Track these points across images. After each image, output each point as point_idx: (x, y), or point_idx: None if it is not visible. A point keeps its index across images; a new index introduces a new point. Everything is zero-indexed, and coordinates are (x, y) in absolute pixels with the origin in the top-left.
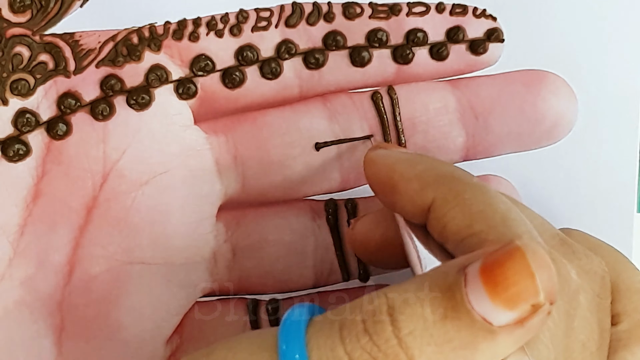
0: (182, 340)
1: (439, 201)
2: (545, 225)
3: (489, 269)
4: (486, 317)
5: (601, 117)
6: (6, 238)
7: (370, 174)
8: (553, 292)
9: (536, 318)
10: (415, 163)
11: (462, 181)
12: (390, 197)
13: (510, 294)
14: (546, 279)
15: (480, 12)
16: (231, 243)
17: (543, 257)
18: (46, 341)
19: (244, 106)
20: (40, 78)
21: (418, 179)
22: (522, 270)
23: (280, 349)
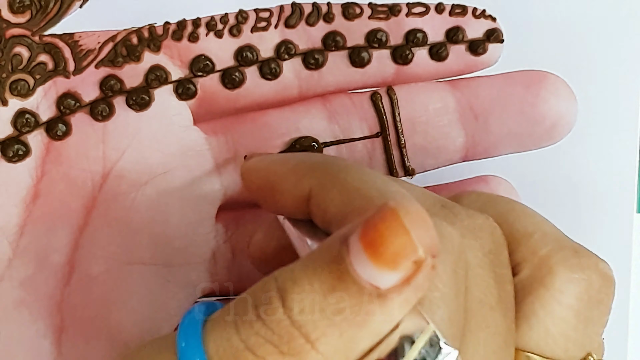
0: None
1: (316, 187)
2: (427, 194)
3: (367, 233)
4: (373, 282)
5: (601, 117)
6: (6, 238)
7: (248, 181)
8: (433, 245)
9: (421, 274)
10: (288, 159)
11: (336, 164)
12: (271, 198)
13: (390, 254)
14: (423, 233)
15: (480, 13)
16: (231, 243)
17: (417, 213)
18: (46, 341)
19: (243, 106)
20: (40, 78)
21: (293, 173)
22: (396, 228)
23: (179, 347)
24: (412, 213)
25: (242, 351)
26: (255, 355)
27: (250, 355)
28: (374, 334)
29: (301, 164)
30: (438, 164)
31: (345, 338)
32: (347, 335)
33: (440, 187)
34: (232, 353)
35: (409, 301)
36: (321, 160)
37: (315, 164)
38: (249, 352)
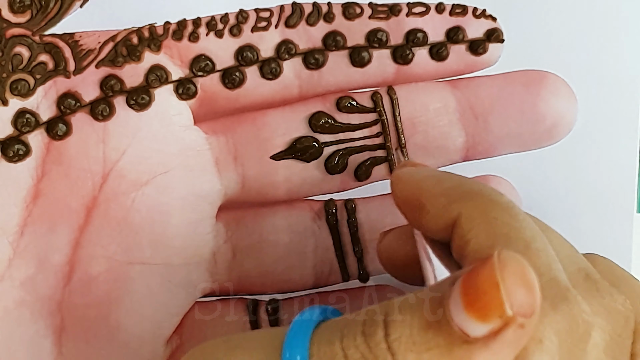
0: (182, 341)
1: (465, 217)
2: (573, 257)
3: (467, 279)
4: (462, 328)
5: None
6: (6, 238)
7: (397, 191)
8: (526, 305)
9: (509, 331)
10: (443, 180)
11: (491, 199)
12: (416, 214)
13: (480, 305)
14: (517, 290)
15: (480, 13)
16: (231, 243)
17: (517, 269)
18: (46, 341)
19: (243, 106)
20: (40, 78)
21: (445, 196)
22: (489, 281)
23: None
24: (510, 268)
25: (339, 357)
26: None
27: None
28: None
29: (455, 189)
30: (438, 164)
31: None
32: None
33: None
34: (330, 356)
35: (495, 356)
36: (476, 190)
37: (470, 193)
38: (341, 350)
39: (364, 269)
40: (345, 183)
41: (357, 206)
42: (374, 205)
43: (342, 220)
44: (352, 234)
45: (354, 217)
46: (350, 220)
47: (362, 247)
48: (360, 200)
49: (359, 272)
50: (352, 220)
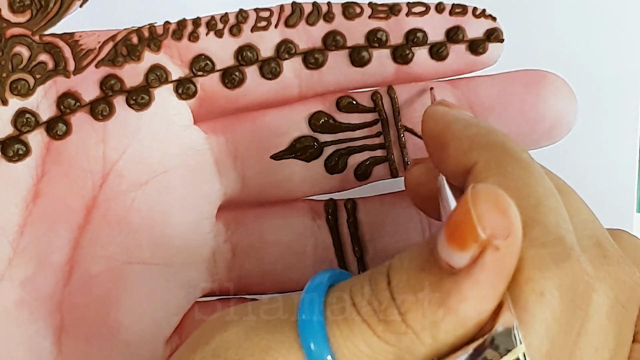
0: (182, 341)
1: (480, 166)
2: (589, 223)
3: (449, 217)
4: (448, 261)
5: (601, 117)
6: (6, 238)
7: (425, 128)
8: (498, 226)
9: (487, 256)
10: (471, 125)
11: (510, 153)
12: (439, 153)
13: (457, 234)
14: (487, 214)
15: (480, 12)
16: (231, 243)
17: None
18: (46, 341)
19: (243, 106)
20: (40, 78)
21: (468, 140)
22: (463, 208)
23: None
24: (482, 196)
25: (349, 307)
26: (359, 313)
27: (355, 311)
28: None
29: (480, 136)
30: None
31: (428, 317)
32: (429, 313)
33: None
34: (341, 306)
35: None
36: (499, 141)
37: (492, 143)
38: (354, 308)
39: (363, 268)
40: (345, 183)
41: (357, 206)
42: (374, 205)
43: (342, 220)
44: (352, 234)
45: (353, 217)
46: (350, 220)
47: (362, 247)
48: (360, 200)
49: (359, 271)
50: (352, 220)
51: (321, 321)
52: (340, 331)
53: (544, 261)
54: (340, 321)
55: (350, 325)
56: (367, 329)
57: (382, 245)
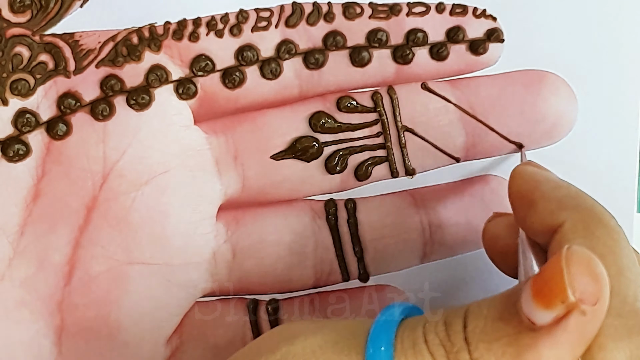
0: (182, 341)
1: (568, 226)
2: None
3: (539, 273)
4: (530, 317)
5: (601, 117)
6: (6, 238)
7: (513, 185)
8: (590, 293)
9: (572, 318)
10: (560, 187)
11: (599, 218)
12: (525, 211)
13: (545, 292)
14: (581, 279)
15: (480, 12)
16: (231, 243)
17: (582, 258)
18: (46, 341)
19: (244, 106)
20: (40, 78)
21: (557, 201)
22: (554, 268)
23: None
24: (575, 258)
25: (420, 343)
26: (429, 349)
27: (425, 347)
28: None
29: (569, 198)
30: (438, 164)
31: None
32: None
33: (440, 187)
34: (412, 340)
35: (559, 344)
36: (589, 205)
37: (581, 206)
38: (424, 344)
39: (364, 268)
40: (345, 183)
41: (357, 206)
42: (374, 205)
43: (342, 220)
44: (352, 234)
45: (354, 217)
46: (350, 220)
47: (362, 247)
48: (360, 200)
49: (359, 272)
50: (352, 220)
51: (389, 352)
52: None
53: (617, 331)
54: (409, 355)
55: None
56: None
57: (382, 245)
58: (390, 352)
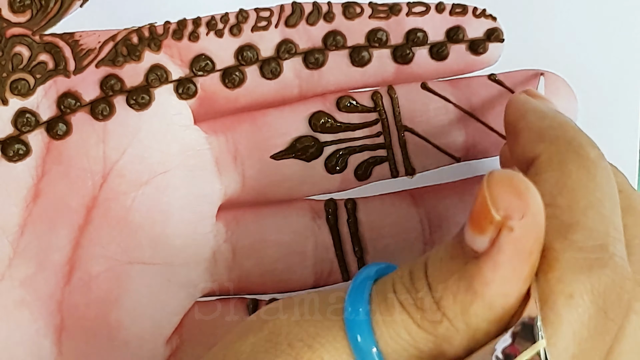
0: (182, 340)
1: (543, 159)
2: None
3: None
4: (471, 246)
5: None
6: (6, 238)
7: (505, 114)
8: (512, 207)
9: (502, 237)
10: (546, 117)
11: (576, 151)
12: (512, 141)
13: (475, 218)
14: (501, 195)
15: (480, 12)
16: (231, 243)
17: (502, 176)
18: (46, 341)
19: (244, 106)
20: (40, 78)
21: (538, 132)
22: (480, 192)
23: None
24: (496, 179)
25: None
26: (397, 299)
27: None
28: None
29: (551, 129)
30: (438, 164)
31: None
32: (458, 299)
33: (440, 187)
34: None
35: (499, 265)
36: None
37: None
38: (394, 295)
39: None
40: (345, 183)
41: (357, 206)
42: (374, 205)
43: (342, 220)
44: (352, 234)
45: (354, 217)
46: (350, 220)
47: (362, 246)
48: (360, 200)
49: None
50: (352, 220)
51: (366, 310)
52: (383, 320)
53: (578, 265)
54: (382, 309)
55: (392, 314)
56: (408, 318)
57: (382, 245)
58: (367, 310)
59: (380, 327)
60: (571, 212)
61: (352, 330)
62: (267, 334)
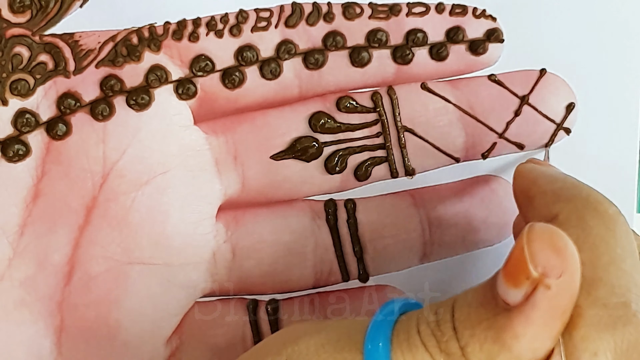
0: (181, 341)
1: (562, 218)
2: None
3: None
4: (504, 298)
5: (601, 117)
6: (6, 238)
7: (515, 184)
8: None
9: (538, 294)
10: (557, 180)
11: (594, 207)
12: (525, 208)
13: (511, 271)
14: (540, 252)
15: (480, 13)
16: (231, 243)
17: (542, 232)
18: (46, 341)
19: (243, 106)
20: (40, 78)
21: (553, 193)
22: (518, 246)
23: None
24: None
25: (414, 335)
26: (422, 342)
27: (419, 340)
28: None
29: (565, 189)
30: (438, 164)
31: (485, 351)
32: (485, 348)
33: (440, 187)
34: (407, 333)
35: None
36: (584, 195)
37: (576, 196)
38: (417, 335)
39: (363, 269)
40: (345, 183)
41: (357, 206)
42: (374, 205)
43: (342, 220)
44: (352, 234)
45: (353, 217)
46: (350, 220)
47: (362, 247)
48: (360, 200)
49: (359, 272)
50: (352, 220)
51: (387, 347)
52: (403, 357)
53: (602, 322)
54: (404, 348)
55: (413, 353)
56: (429, 359)
57: (382, 245)
58: (387, 347)
59: None
60: (594, 269)
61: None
62: None
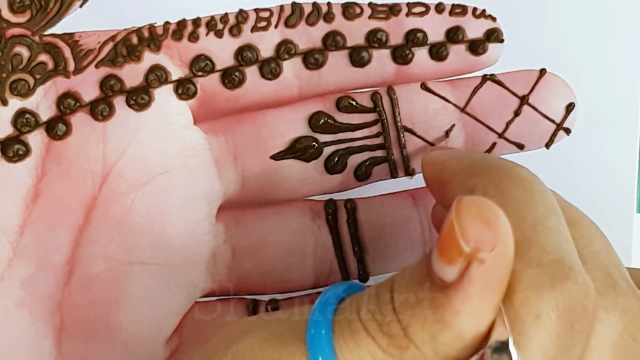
0: (181, 341)
1: (479, 190)
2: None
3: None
4: (440, 276)
5: (601, 117)
6: (6, 238)
7: (425, 174)
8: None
9: (472, 269)
10: (464, 158)
11: (508, 173)
12: (441, 192)
13: (444, 248)
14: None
15: (480, 13)
16: (231, 243)
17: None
18: (46, 341)
19: (243, 106)
20: (40, 78)
21: (464, 172)
22: (448, 222)
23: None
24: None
25: (355, 320)
26: (364, 327)
27: (360, 325)
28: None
29: (474, 164)
30: None
31: (427, 330)
32: (427, 327)
33: None
34: (348, 319)
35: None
36: (494, 164)
37: (488, 168)
38: (359, 322)
39: (363, 269)
40: (345, 183)
41: (357, 206)
42: (374, 205)
43: (342, 220)
44: (352, 234)
45: (353, 217)
46: (350, 220)
47: (362, 247)
48: (360, 200)
49: (359, 272)
50: (352, 220)
51: (329, 335)
52: (346, 345)
53: (540, 282)
54: (346, 335)
55: (356, 339)
56: (373, 343)
57: (382, 245)
58: (329, 334)
59: (344, 351)
60: (522, 231)
61: (314, 353)
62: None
